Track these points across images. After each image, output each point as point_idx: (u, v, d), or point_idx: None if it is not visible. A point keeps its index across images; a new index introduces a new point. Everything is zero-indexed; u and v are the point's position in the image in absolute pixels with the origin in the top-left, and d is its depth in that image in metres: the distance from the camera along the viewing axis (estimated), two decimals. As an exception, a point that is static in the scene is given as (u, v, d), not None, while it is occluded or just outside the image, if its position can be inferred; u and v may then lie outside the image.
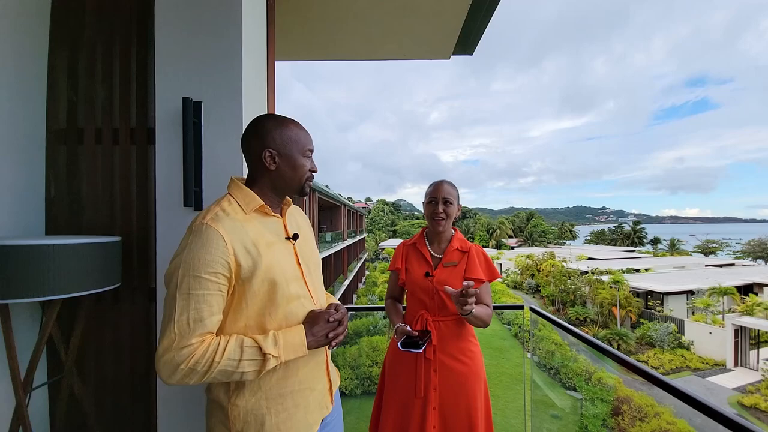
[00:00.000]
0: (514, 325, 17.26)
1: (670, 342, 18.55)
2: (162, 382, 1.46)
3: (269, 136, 1.03)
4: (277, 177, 1.05)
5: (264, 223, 1.04)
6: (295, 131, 1.07)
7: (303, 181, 1.09)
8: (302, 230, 1.17)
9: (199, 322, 0.87)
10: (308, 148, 1.09)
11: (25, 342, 1.49)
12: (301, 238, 1.13)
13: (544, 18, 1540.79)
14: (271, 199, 1.08)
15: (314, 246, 1.24)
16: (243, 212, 1.00)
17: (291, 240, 1.09)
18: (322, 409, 1.10)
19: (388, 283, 1.84)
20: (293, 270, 1.05)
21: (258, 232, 1.00)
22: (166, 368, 0.85)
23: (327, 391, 1.13)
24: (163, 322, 0.88)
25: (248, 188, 1.05)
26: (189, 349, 0.85)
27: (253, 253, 0.95)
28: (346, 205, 23.89)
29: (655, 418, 9.49)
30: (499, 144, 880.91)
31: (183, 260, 0.88)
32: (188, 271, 0.87)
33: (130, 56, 1.69)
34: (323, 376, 1.12)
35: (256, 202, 1.02)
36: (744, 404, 14.00)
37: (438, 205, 1.60)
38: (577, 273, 27.13)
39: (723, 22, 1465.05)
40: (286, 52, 2.97)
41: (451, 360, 1.56)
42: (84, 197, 1.67)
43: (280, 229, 1.09)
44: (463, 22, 2.56)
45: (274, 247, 1.01)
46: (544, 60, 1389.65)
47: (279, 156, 1.03)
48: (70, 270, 1.34)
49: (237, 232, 0.94)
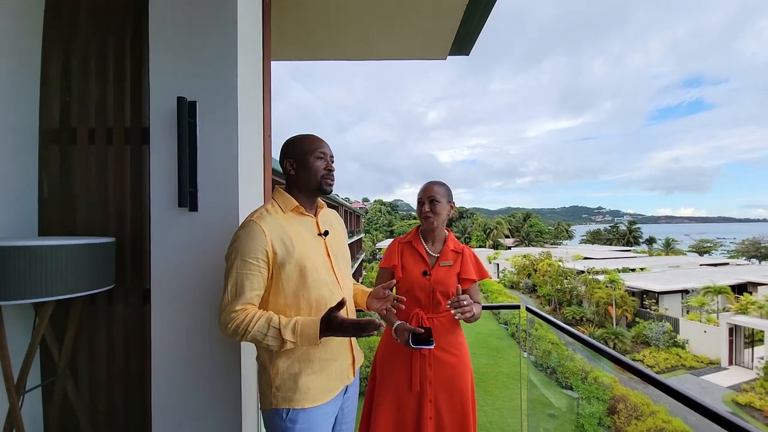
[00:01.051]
0: (511, 324, 17.33)
1: (666, 341, 18.67)
2: (155, 378, 1.47)
3: (289, 150, 1.27)
4: (298, 180, 1.27)
5: (300, 221, 1.26)
6: (307, 139, 1.27)
7: (319, 179, 1.26)
8: (334, 229, 1.37)
9: (242, 295, 1.11)
10: (320, 150, 1.26)
11: (18, 344, 1.48)
12: (332, 235, 1.34)
13: (543, 19, 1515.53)
14: (303, 201, 1.28)
15: (344, 243, 1.44)
16: (282, 212, 1.23)
17: (322, 236, 1.29)
18: (344, 378, 1.29)
19: (378, 280, 1.74)
20: (323, 260, 1.26)
21: (294, 227, 1.22)
22: (221, 323, 1.12)
23: (350, 365, 1.32)
24: (223, 288, 1.14)
25: (287, 194, 1.27)
26: (233, 315, 1.10)
27: (287, 244, 1.17)
28: (344, 205, 23.86)
29: (650, 417, 9.55)
30: (497, 144, 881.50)
31: (235, 246, 1.14)
32: (237, 254, 1.12)
33: (124, 55, 1.68)
34: (347, 351, 1.31)
35: (292, 204, 1.25)
36: (739, 402, 14.12)
37: (425, 205, 1.68)
38: (574, 273, 27.26)
39: (720, 23, 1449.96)
40: (282, 51, 2.96)
41: (444, 353, 1.62)
42: (77, 198, 1.66)
43: (313, 226, 1.30)
44: (460, 22, 2.56)
45: (306, 241, 1.23)
46: (542, 60, 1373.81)
47: (296, 162, 1.26)
48: (63, 271, 1.33)
49: (276, 227, 1.17)
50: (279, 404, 1.17)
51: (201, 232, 1.46)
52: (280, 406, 1.17)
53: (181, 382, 1.46)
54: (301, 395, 1.17)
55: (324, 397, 1.21)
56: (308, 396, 1.17)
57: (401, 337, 1.52)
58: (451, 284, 1.63)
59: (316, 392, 1.19)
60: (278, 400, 1.17)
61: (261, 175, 1.78)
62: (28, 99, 1.64)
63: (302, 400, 1.16)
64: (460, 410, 1.60)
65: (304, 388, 1.17)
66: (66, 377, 1.52)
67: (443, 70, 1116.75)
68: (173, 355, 1.46)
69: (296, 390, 1.17)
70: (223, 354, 1.47)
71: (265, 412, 1.22)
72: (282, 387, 1.17)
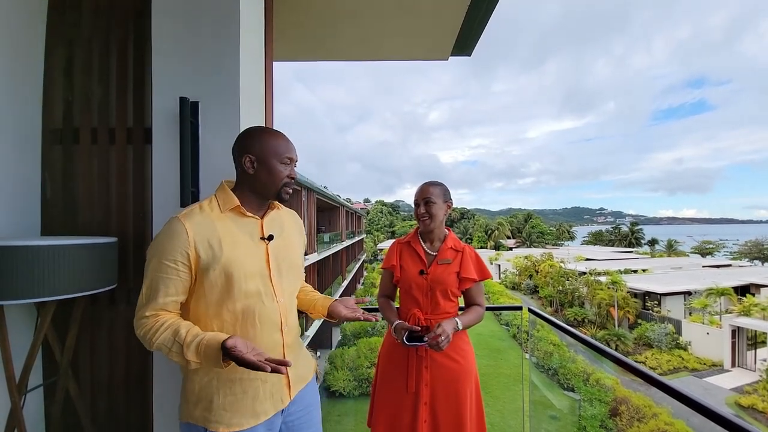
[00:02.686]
0: (513, 326, 17.28)
1: (668, 343, 18.59)
2: (157, 378, 1.47)
3: (250, 143, 1.12)
4: (255, 181, 1.13)
5: (238, 222, 1.12)
6: (275, 139, 1.14)
7: (279, 187, 1.15)
8: (284, 233, 1.23)
9: (154, 299, 1.01)
10: (287, 156, 1.15)
11: (20, 344, 1.48)
12: (280, 240, 1.20)
13: (547, 20, 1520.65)
14: (250, 201, 1.16)
15: (296, 249, 1.29)
16: (219, 210, 1.11)
17: (265, 240, 1.15)
18: (276, 402, 1.14)
19: (381, 281, 1.83)
20: (259, 268, 1.12)
21: (227, 230, 1.09)
22: (135, 327, 1.04)
23: (284, 386, 1.17)
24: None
25: (230, 190, 1.14)
26: (143, 321, 1.01)
27: (215, 248, 1.05)
28: (345, 206, 23.88)
29: (653, 419, 9.51)
30: (499, 145, 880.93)
31: (154, 245, 1.05)
32: (155, 254, 1.03)
33: (126, 55, 1.69)
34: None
35: (233, 203, 1.12)
36: (741, 405, 14.04)
37: (420, 207, 1.67)
38: (575, 274, 27.18)
39: (723, 24, 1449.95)
40: (284, 52, 2.97)
41: (444, 358, 1.60)
42: (80, 197, 1.67)
43: (255, 229, 1.15)
44: (462, 23, 2.56)
45: (238, 245, 1.09)
46: (546, 61, 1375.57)
47: (257, 161, 1.12)
48: (65, 271, 1.33)
49: (204, 227, 1.05)
50: (196, 420, 1.06)
51: (203, 232, 1.46)
52: (197, 423, 1.06)
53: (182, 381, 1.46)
54: (217, 417, 1.04)
55: (246, 422, 1.06)
56: (224, 419, 1.04)
57: (398, 335, 1.55)
58: (450, 283, 1.63)
59: (233, 416, 1.05)
60: (195, 417, 1.06)
61: (263, 175, 1.78)
62: (31, 99, 1.65)
63: (218, 423, 1.04)
64: (456, 418, 1.58)
65: (220, 410, 1.05)
66: (68, 377, 1.52)
67: (446, 71, 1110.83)
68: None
69: (211, 410, 1.05)
70: (224, 354, 1.47)
71: (181, 422, 1.11)
72: (198, 404, 1.06)
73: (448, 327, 1.49)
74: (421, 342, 1.51)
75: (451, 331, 1.49)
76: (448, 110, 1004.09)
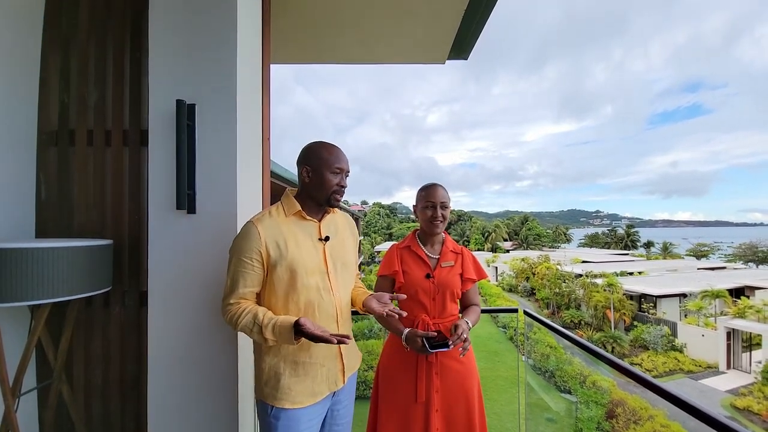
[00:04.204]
0: (509, 328, 17.29)
1: (664, 345, 18.66)
2: (152, 381, 1.46)
3: (307, 156, 1.31)
4: (310, 188, 1.31)
5: (300, 225, 1.30)
6: (327, 152, 1.30)
7: (330, 193, 1.31)
8: (339, 234, 1.40)
9: (236, 290, 1.20)
10: (337, 166, 1.30)
11: (14, 346, 1.47)
12: (336, 241, 1.37)
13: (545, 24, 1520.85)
14: (309, 206, 1.33)
15: (349, 248, 1.45)
16: (285, 215, 1.29)
17: (322, 241, 1.31)
18: (331, 384, 1.30)
19: (377, 289, 1.69)
20: (318, 266, 1.28)
21: (291, 232, 1.27)
22: (222, 313, 1.22)
23: (339, 371, 1.33)
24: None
25: (293, 197, 1.33)
26: (228, 307, 1.20)
27: (281, 248, 1.22)
28: (342, 207, 23.85)
29: (649, 421, 9.52)
30: (496, 148, 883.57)
31: (234, 245, 1.23)
32: (235, 253, 1.22)
33: (123, 57, 1.69)
34: (335, 358, 1.32)
35: (295, 208, 1.30)
36: (737, 406, 14.10)
37: (437, 210, 1.64)
38: (572, 276, 27.26)
39: (719, 28, 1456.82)
40: (282, 55, 2.97)
41: (450, 360, 1.59)
42: (75, 199, 1.66)
43: (314, 231, 1.32)
44: (458, 27, 2.58)
45: (301, 245, 1.27)
46: (544, 66, 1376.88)
47: (312, 171, 1.29)
48: (59, 273, 1.32)
49: (272, 229, 1.23)
50: (266, 398, 1.23)
51: (199, 234, 1.46)
52: (267, 401, 1.23)
53: (178, 385, 1.45)
54: (282, 395, 1.21)
55: (306, 400, 1.24)
56: (289, 397, 1.21)
57: (413, 344, 1.48)
58: (455, 284, 1.63)
59: (297, 394, 1.22)
60: (265, 394, 1.23)
61: (260, 177, 1.78)
62: (27, 100, 1.64)
63: (283, 400, 1.21)
64: (466, 420, 1.57)
65: (286, 388, 1.22)
66: (61, 380, 1.51)
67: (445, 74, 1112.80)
68: (170, 357, 1.45)
69: (278, 389, 1.21)
70: (219, 356, 1.46)
71: (256, 400, 1.30)
72: (268, 383, 1.23)
73: (465, 325, 1.52)
74: (446, 347, 1.43)
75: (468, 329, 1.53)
76: (447, 113, 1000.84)
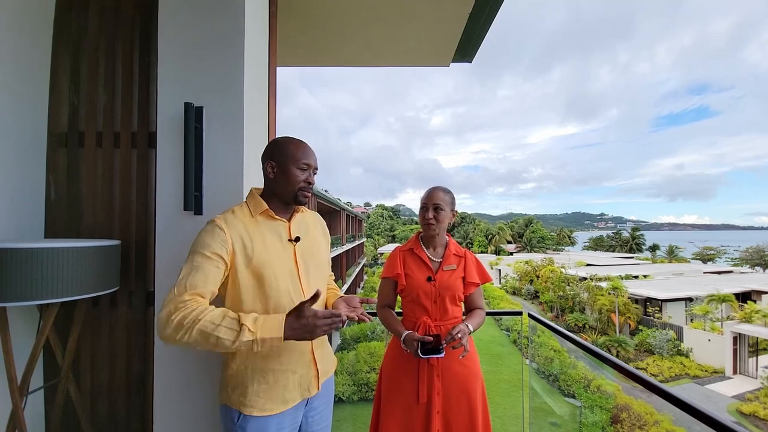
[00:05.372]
0: (513, 331, 17.20)
1: (669, 349, 18.49)
2: (158, 382, 1.46)
3: (272, 151, 1.23)
4: (275, 185, 1.23)
5: (268, 225, 1.22)
6: (294, 147, 1.23)
7: (296, 190, 1.23)
8: (310, 234, 1.33)
9: (193, 287, 1.05)
10: (304, 162, 1.23)
11: (22, 345, 1.49)
12: (307, 241, 1.30)
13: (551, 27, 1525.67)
14: (276, 205, 1.25)
15: (320, 248, 1.38)
16: (251, 215, 1.20)
17: (292, 242, 1.24)
18: (304, 391, 1.24)
19: (381, 290, 1.74)
20: (288, 267, 1.21)
21: (259, 232, 1.19)
22: (161, 322, 1.01)
23: (313, 377, 1.26)
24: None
25: (258, 196, 1.24)
26: (183, 303, 1.01)
27: (248, 248, 1.14)
28: (345, 209, 23.89)
29: (654, 427, 9.43)
30: (501, 150, 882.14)
31: (194, 243, 1.13)
32: (196, 250, 1.10)
33: (132, 61, 1.71)
34: (307, 363, 1.25)
35: (262, 207, 1.21)
36: (743, 412, 13.93)
37: (429, 211, 1.65)
38: (576, 279, 27.11)
39: (726, 31, 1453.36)
40: (288, 58, 3.00)
41: (453, 362, 1.58)
42: (84, 200, 1.68)
43: (283, 231, 1.25)
44: (462, 30, 2.59)
45: (269, 246, 1.19)
46: (550, 68, 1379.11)
47: (277, 167, 1.22)
48: (68, 273, 1.34)
49: (238, 229, 1.15)
50: (232, 404, 1.16)
51: (205, 235, 1.47)
52: (233, 406, 1.16)
53: (183, 386, 1.46)
54: (251, 402, 1.14)
55: (276, 407, 1.16)
56: (257, 404, 1.14)
57: (410, 347, 1.50)
58: (457, 288, 1.62)
59: (266, 402, 1.15)
60: (232, 400, 1.16)
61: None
62: (37, 102, 1.67)
63: (251, 407, 1.14)
64: (468, 423, 1.56)
65: (254, 396, 1.15)
66: (69, 379, 1.53)
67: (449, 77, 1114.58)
68: (175, 358, 1.46)
69: (246, 395, 1.14)
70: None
71: (220, 404, 1.21)
72: (236, 389, 1.16)
73: (464, 328, 1.49)
74: (439, 354, 1.44)
75: (467, 332, 1.49)
76: (451, 115, 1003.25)
